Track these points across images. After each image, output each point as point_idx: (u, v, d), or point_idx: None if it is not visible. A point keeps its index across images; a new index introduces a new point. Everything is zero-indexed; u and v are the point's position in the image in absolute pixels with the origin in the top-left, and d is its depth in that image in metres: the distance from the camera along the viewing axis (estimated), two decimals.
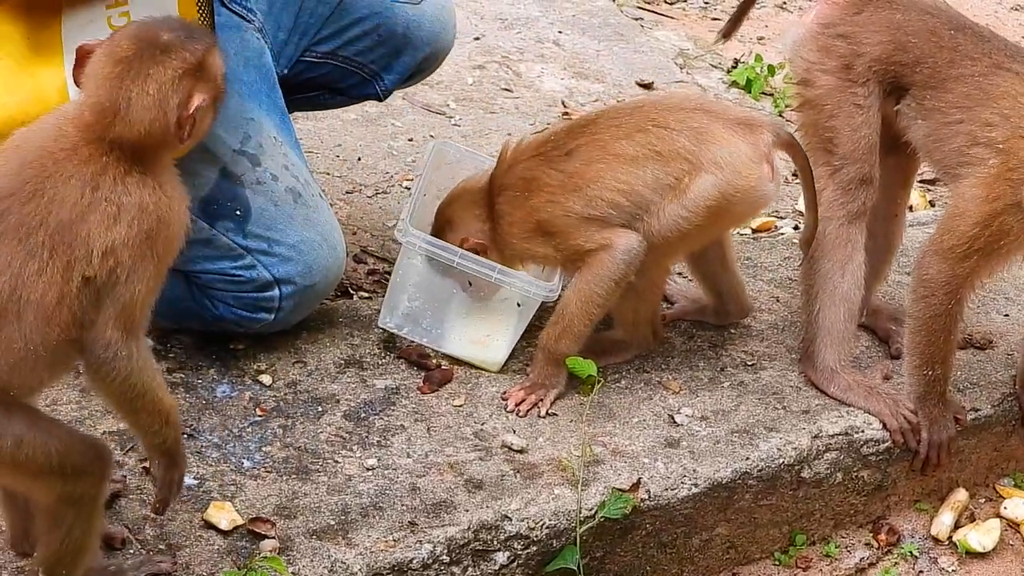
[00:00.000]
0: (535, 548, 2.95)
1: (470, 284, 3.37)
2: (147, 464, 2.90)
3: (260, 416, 3.11)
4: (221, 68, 2.48)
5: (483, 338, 3.36)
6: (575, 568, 2.96)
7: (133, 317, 2.38)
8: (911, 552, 3.41)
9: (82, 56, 2.43)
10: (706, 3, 5.71)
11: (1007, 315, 3.74)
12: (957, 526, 3.47)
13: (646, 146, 3.17)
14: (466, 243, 3.28)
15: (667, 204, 3.15)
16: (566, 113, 4.72)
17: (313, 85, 3.66)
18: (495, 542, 2.92)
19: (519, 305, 3.37)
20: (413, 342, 3.37)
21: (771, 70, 5.16)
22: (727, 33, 3.72)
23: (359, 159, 4.31)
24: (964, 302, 3.26)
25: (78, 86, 2.44)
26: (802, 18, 3.60)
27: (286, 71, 3.52)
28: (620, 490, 3.01)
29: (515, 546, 2.93)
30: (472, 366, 3.33)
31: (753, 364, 3.46)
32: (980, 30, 3.33)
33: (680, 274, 3.71)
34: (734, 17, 3.72)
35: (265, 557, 2.72)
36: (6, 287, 2.31)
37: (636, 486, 3.04)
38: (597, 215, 3.17)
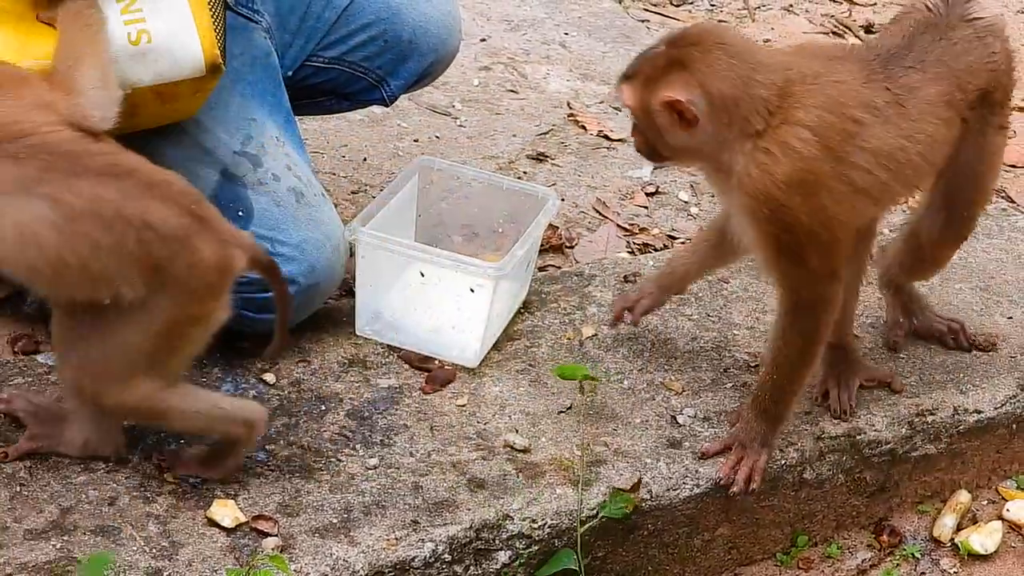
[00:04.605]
0: (537, 547, 2.96)
1: (422, 275, 3.34)
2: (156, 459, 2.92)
3: None
4: None
5: (449, 330, 3.35)
6: (576, 569, 2.97)
7: None
8: (913, 554, 3.41)
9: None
10: (712, 5, 5.70)
11: (1010, 318, 3.74)
12: (959, 528, 3.47)
13: None
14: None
15: None
16: (572, 115, 4.73)
17: (320, 91, 3.67)
18: (497, 541, 2.93)
19: (472, 291, 3.30)
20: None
21: None
22: None
23: (364, 160, 4.32)
24: None
25: None
26: None
27: (290, 72, 3.53)
28: (621, 490, 3.02)
29: (517, 545, 2.94)
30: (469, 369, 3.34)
31: (756, 365, 3.45)
32: None
33: None
34: None
35: (267, 555, 2.73)
36: None
37: (637, 486, 3.05)
38: None
